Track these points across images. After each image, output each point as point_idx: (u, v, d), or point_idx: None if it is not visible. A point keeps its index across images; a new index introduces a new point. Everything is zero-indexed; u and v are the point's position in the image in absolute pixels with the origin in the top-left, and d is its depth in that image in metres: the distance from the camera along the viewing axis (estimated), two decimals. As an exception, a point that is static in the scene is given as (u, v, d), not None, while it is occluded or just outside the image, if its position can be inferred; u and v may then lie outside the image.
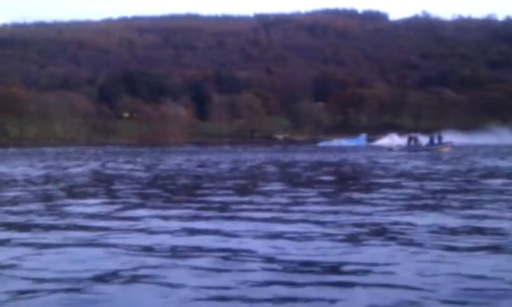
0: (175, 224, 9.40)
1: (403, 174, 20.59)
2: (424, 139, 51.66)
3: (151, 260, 6.76)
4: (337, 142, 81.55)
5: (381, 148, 62.89)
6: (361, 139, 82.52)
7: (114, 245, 7.67)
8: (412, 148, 49.07)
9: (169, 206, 11.94)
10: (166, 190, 15.49)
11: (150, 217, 10.25)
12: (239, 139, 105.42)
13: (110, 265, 6.57)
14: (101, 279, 5.99)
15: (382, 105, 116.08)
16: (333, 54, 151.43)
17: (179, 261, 6.66)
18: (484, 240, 7.76)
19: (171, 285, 5.71)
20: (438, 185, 15.86)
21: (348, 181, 19.04)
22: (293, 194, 13.61)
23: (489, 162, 28.84)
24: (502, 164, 27.59)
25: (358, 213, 10.27)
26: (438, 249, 7.14)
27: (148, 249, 7.43)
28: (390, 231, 8.57)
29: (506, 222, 9.23)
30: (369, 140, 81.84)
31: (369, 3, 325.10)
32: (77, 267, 6.50)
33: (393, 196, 13.04)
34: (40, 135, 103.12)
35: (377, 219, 9.66)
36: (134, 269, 6.35)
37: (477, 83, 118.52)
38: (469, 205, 11.34)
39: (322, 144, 79.02)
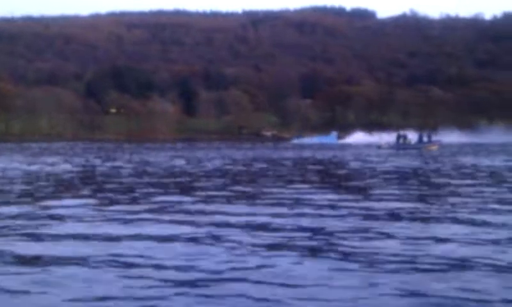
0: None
1: (386, 174, 20.63)
2: (413, 137, 52.07)
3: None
4: (309, 139, 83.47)
5: (350, 145, 63.92)
6: (333, 137, 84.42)
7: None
8: (401, 146, 49.39)
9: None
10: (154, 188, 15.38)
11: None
12: (227, 135, 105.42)
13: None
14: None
15: (370, 103, 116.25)
16: (321, 52, 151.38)
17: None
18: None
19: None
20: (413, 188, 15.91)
21: (331, 180, 19.01)
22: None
23: (475, 162, 29.00)
24: (487, 163, 27.73)
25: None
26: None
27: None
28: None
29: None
30: (340, 137, 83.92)
31: (357, 1, 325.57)
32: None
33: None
34: (26, 131, 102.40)
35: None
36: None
37: (464, 82, 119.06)
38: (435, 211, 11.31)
39: (295, 141, 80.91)
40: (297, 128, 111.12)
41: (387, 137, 57.69)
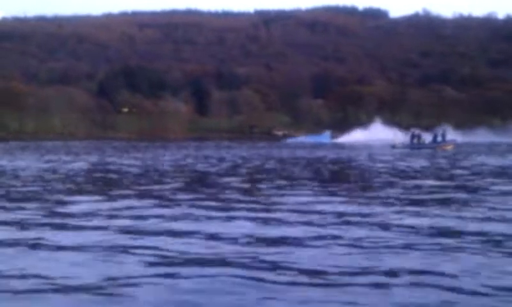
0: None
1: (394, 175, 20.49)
2: (427, 137, 51.77)
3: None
4: (303, 139, 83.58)
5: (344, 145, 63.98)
6: (326, 136, 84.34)
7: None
8: (415, 146, 49.09)
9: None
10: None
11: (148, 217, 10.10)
12: (238, 135, 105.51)
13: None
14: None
15: (382, 103, 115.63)
16: (333, 51, 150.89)
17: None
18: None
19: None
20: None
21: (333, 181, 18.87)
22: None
23: (492, 161, 28.77)
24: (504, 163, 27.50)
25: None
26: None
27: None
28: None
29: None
30: (333, 136, 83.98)
31: (370, 0, 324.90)
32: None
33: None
34: (39, 129, 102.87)
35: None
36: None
37: (477, 81, 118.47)
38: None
39: (289, 140, 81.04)
40: (308, 128, 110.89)
41: (401, 136, 57.19)
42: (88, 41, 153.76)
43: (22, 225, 9.21)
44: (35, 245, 7.61)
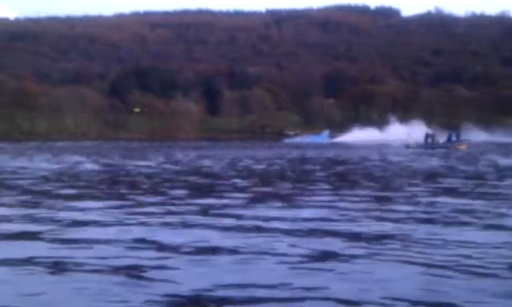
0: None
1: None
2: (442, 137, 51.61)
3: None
4: (300, 139, 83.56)
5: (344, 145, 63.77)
6: (325, 136, 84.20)
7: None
8: (429, 146, 48.95)
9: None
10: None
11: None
12: (250, 134, 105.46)
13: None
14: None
15: (394, 102, 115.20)
16: (344, 50, 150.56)
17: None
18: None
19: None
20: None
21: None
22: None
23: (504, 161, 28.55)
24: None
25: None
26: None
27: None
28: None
29: None
30: (331, 136, 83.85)
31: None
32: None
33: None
34: (52, 130, 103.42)
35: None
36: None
37: (489, 80, 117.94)
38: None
39: (287, 140, 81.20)
40: (320, 127, 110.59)
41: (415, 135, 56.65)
42: (99, 41, 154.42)
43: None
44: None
